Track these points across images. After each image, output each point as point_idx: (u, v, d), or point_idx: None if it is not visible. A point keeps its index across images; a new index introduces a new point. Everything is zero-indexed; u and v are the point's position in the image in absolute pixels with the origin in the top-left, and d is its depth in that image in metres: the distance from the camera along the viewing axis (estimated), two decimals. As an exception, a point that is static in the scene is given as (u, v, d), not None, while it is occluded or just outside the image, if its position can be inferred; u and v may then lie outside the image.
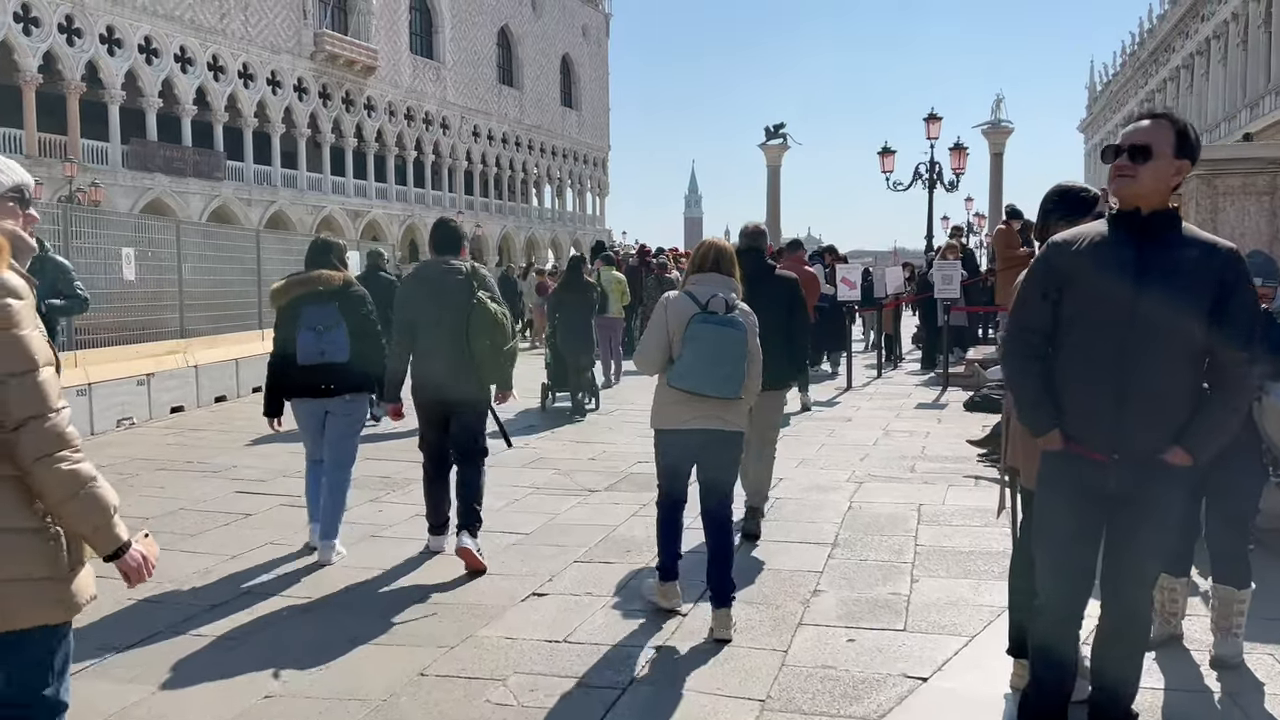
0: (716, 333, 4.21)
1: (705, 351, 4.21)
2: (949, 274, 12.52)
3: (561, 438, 9.73)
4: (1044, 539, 3.13)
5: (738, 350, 4.25)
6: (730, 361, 4.23)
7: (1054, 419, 3.01)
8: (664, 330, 4.36)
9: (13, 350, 2.19)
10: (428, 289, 5.52)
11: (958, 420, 10.39)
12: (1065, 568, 3.06)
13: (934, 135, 23.85)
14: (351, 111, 52.65)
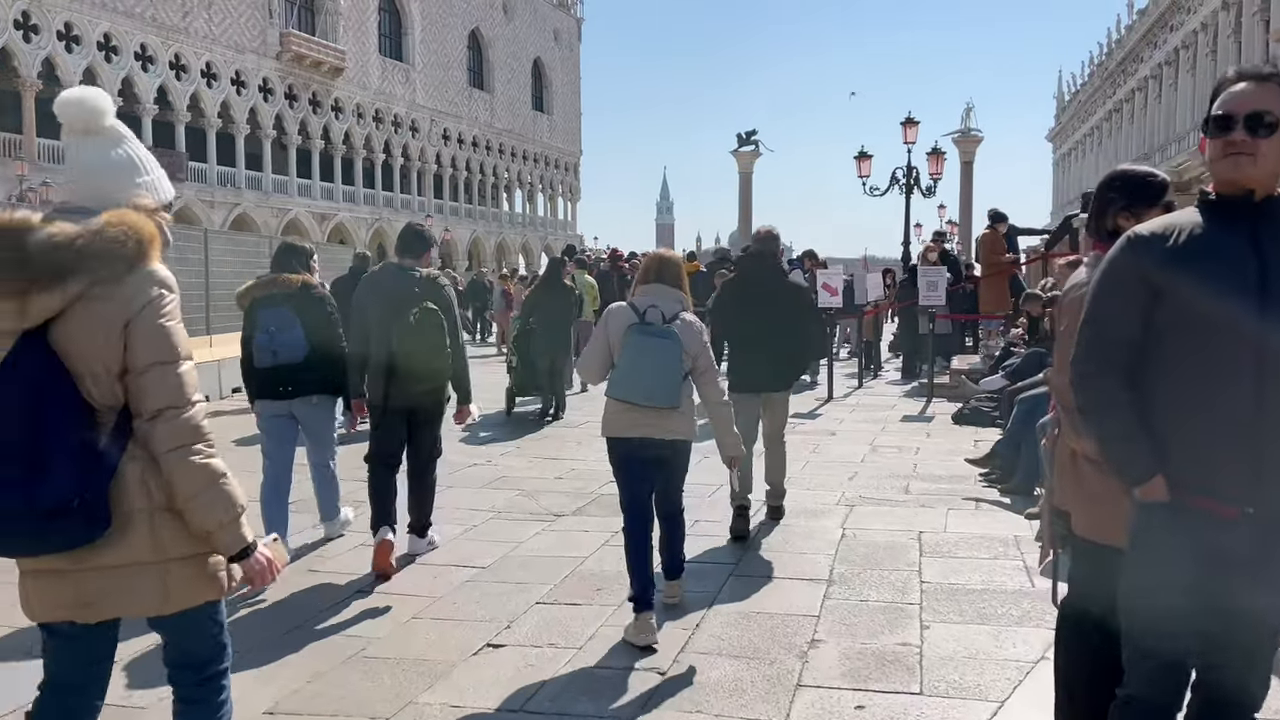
0: (649, 343, 4.27)
1: (637, 361, 4.27)
2: (934, 280, 11.97)
3: (526, 453, 9.06)
4: (1142, 616, 2.40)
5: (670, 360, 4.27)
6: (661, 371, 4.26)
7: (1156, 461, 2.32)
8: (605, 340, 4.45)
9: (161, 340, 2.24)
10: (378, 292, 5.52)
11: (947, 434, 9.82)
12: (1171, 652, 2.37)
13: (911, 140, 23.39)
14: (319, 113, 51.78)
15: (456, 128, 62.68)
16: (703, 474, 7.26)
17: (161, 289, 2.29)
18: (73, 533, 2.18)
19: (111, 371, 2.24)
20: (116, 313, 2.22)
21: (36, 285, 2.16)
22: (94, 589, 2.27)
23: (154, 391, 2.24)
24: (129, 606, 2.33)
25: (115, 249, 2.22)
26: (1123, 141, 60.31)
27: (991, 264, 13.62)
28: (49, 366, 2.19)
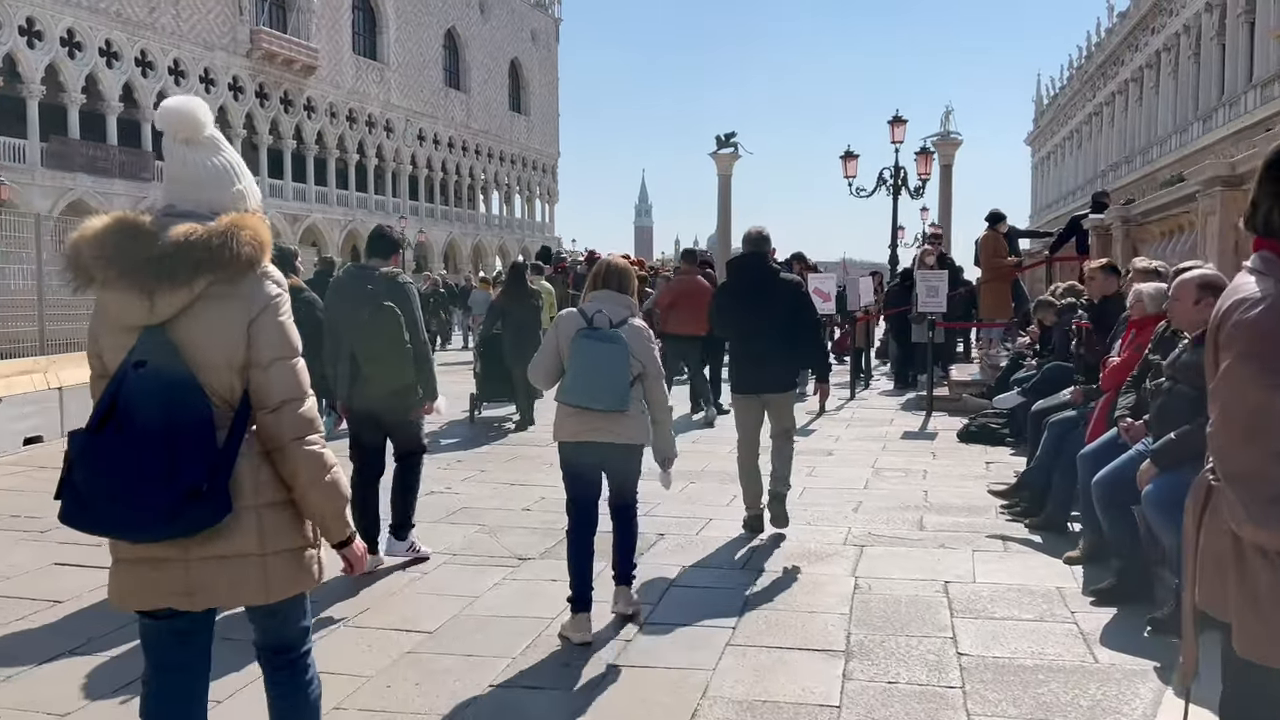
0: (595, 348, 4.33)
1: (584, 366, 4.33)
2: (934, 285, 11.14)
3: (490, 477, 8.14)
4: None
5: (617, 365, 4.33)
6: (608, 375, 4.32)
7: None
8: (554, 345, 4.52)
9: (282, 337, 2.41)
10: (340, 294, 5.71)
11: (954, 454, 8.98)
12: None
13: (899, 139, 22.58)
14: (290, 112, 50.69)
15: (432, 128, 61.74)
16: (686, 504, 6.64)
17: (278, 288, 2.44)
18: (201, 516, 2.28)
19: (232, 365, 2.35)
20: (239, 310, 2.35)
21: (166, 283, 2.28)
22: (201, 578, 2.35)
23: (278, 384, 2.38)
24: (234, 596, 2.42)
25: (240, 250, 2.34)
26: (1103, 144, 60.08)
27: (992, 267, 12.80)
28: (175, 360, 2.29)
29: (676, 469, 4.82)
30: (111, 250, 2.30)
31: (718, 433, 10.44)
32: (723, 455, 8.82)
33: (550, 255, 18.06)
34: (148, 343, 2.29)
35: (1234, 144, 38.37)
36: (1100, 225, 10.50)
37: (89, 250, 2.32)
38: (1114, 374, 5.66)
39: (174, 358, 2.30)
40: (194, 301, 2.31)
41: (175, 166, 2.50)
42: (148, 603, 2.41)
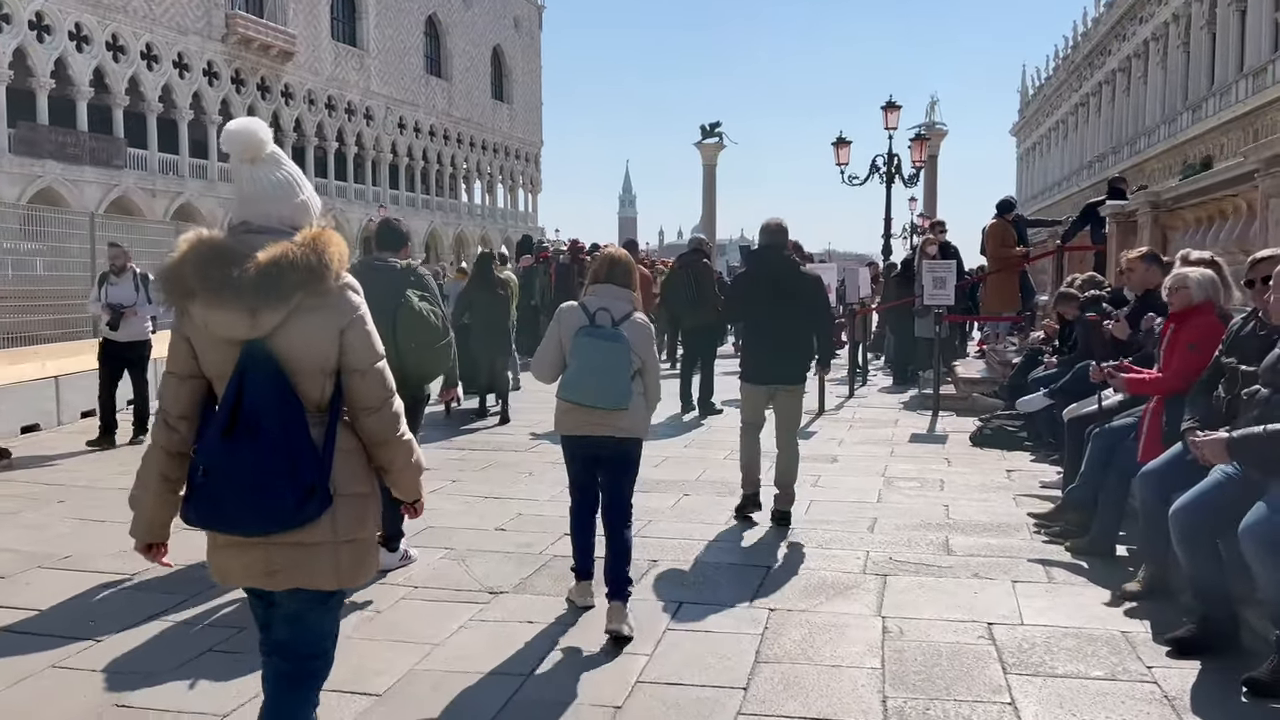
0: (597, 346, 4.30)
1: (586, 364, 4.30)
2: (941, 276, 10.40)
3: (462, 489, 7.32)
4: None
5: (619, 362, 4.31)
6: (610, 374, 4.29)
7: None
8: (557, 340, 4.49)
9: (371, 343, 2.62)
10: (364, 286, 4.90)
11: (970, 461, 8.26)
12: None
13: (892, 125, 21.80)
14: (267, 99, 49.58)
15: (413, 116, 60.79)
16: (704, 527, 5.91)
17: (359, 297, 2.63)
18: (311, 511, 2.51)
19: (325, 371, 2.55)
20: (330, 320, 2.54)
21: (269, 300, 2.45)
22: (281, 560, 2.55)
23: (375, 386, 2.62)
24: (307, 579, 2.58)
25: (331, 266, 2.53)
26: (1089, 135, 59.87)
27: (1000, 258, 12.07)
28: (278, 370, 2.49)
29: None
30: (215, 272, 2.45)
31: (709, 435, 9.68)
32: (718, 462, 8.09)
33: (531, 245, 17.29)
34: (252, 354, 2.47)
35: (1224, 134, 38.09)
36: (1121, 212, 9.77)
37: (192, 272, 2.48)
38: (1175, 378, 4.93)
39: (278, 367, 2.48)
40: (289, 315, 2.48)
41: (245, 185, 2.64)
42: (238, 581, 2.68)
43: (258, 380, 2.45)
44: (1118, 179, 12.26)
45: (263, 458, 2.42)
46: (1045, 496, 6.77)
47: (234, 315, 2.45)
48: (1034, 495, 6.83)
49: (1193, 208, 8.14)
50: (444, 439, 9.40)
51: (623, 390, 4.33)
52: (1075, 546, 5.44)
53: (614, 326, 4.39)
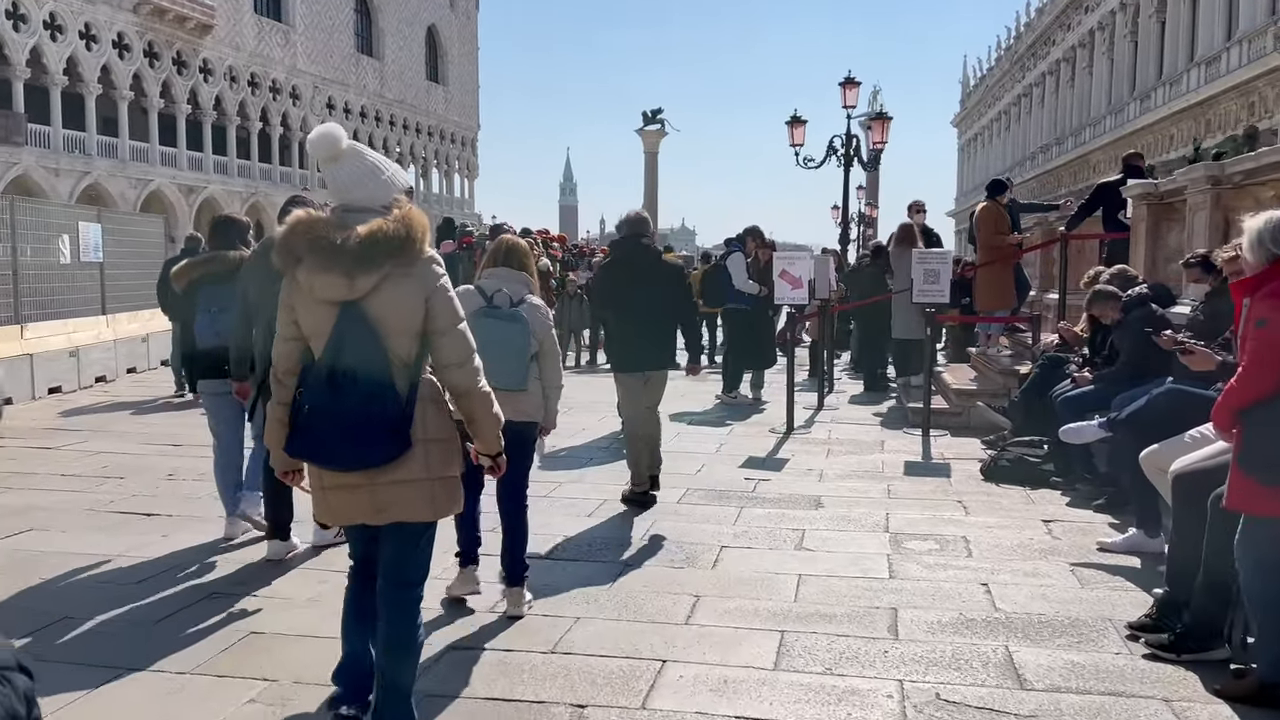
0: (496, 326, 4.32)
1: (485, 344, 3.80)
2: (934, 269, 8.71)
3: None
4: None
5: (517, 343, 4.38)
6: (508, 354, 4.32)
7: None
8: None
9: (452, 308, 3.05)
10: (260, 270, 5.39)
11: (989, 503, 6.56)
12: None
13: (850, 104, 20.15)
14: (184, 74, 46.63)
15: (343, 96, 58.17)
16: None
17: (441, 269, 3.06)
18: (396, 448, 2.96)
19: (412, 331, 2.98)
20: (417, 288, 2.97)
21: (365, 267, 2.90)
22: (386, 499, 3.02)
23: (455, 346, 3.05)
24: (408, 513, 3.07)
25: (415, 237, 2.96)
26: (1032, 126, 59.55)
27: (993, 247, 10.43)
28: (372, 328, 2.93)
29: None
30: (324, 240, 2.93)
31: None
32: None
33: (453, 229, 15.36)
34: (349, 314, 2.93)
35: (1174, 124, 37.34)
36: (1153, 192, 8.16)
37: (300, 242, 2.98)
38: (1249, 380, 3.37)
39: (370, 325, 2.93)
40: (381, 281, 2.91)
41: (334, 179, 3.10)
42: (347, 519, 3.16)
43: (355, 337, 2.91)
44: (1134, 155, 10.68)
45: (357, 403, 2.88)
46: (1113, 568, 5.09)
47: (336, 278, 2.91)
48: (1098, 567, 5.14)
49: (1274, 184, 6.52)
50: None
51: (520, 371, 4.38)
52: (1232, 692, 3.65)
53: (512, 308, 4.43)
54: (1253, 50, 31.21)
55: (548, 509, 6.36)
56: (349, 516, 3.10)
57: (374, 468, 2.95)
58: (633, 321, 6.42)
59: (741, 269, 10.55)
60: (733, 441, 8.73)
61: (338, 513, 3.11)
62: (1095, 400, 6.69)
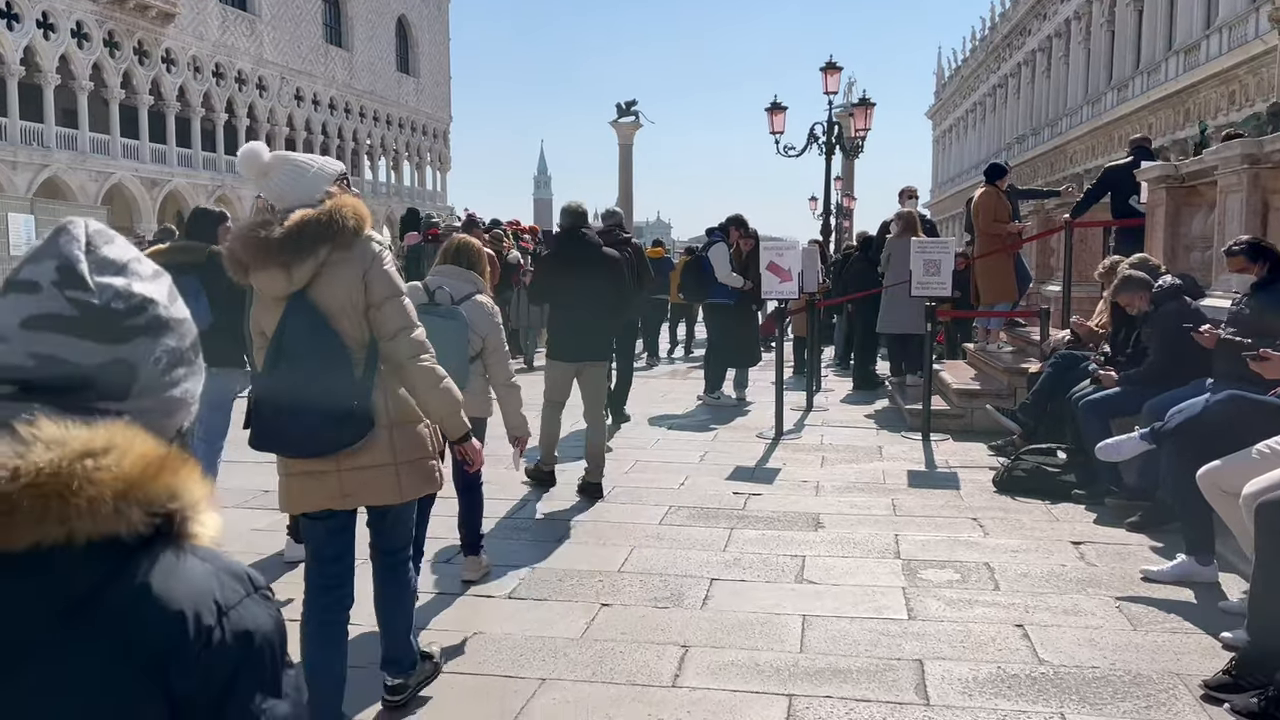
0: (432, 324, 3.98)
1: None
2: (935, 259, 8.01)
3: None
4: None
5: (453, 341, 4.26)
6: (446, 352, 3.93)
7: None
8: None
9: (388, 281, 3.08)
10: None
11: (1008, 520, 5.85)
12: None
13: (832, 89, 19.45)
14: (146, 64, 45.38)
15: (311, 87, 57.02)
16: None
17: (380, 247, 3.12)
18: (351, 433, 2.99)
19: (359, 310, 3.03)
20: (355, 267, 3.03)
21: (296, 256, 2.95)
22: (352, 484, 3.07)
23: (391, 317, 3.08)
24: (374, 497, 3.16)
25: (345, 223, 3.01)
26: (1008, 117, 59.33)
27: (994, 235, 9.75)
28: (314, 311, 2.98)
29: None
30: (254, 242, 2.97)
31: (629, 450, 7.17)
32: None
33: (418, 220, 14.55)
34: (295, 305, 2.98)
35: (1152, 113, 36.96)
36: (1173, 175, 7.49)
37: (238, 246, 3.03)
38: None
39: (314, 312, 2.98)
40: (321, 268, 2.97)
41: (270, 191, 3.19)
42: (312, 505, 3.14)
43: (295, 322, 2.95)
44: (1141, 138, 10.03)
45: (300, 387, 2.90)
46: (1165, 604, 4.40)
47: (274, 272, 2.96)
48: (1146, 601, 4.44)
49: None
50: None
51: (458, 367, 4.18)
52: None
53: (454, 305, 4.45)
54: (1234, 37, 30.87)
55: (511, 533, 5.62)
56: (314, 503, 3.14)
57: (335, 452, 3.00)
58: (570, 312, 6.52)
59: (724, 260, 9.82)
60: (717, 449, 8.00)
61: (302, 499, 3.14)
62: (1123, 404, 6.04)
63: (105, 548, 0.92)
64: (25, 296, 1.00)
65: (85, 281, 1.01)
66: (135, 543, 0.94)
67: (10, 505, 0.89)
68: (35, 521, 0.89)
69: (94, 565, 0.92)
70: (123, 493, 0.93)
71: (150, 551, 0.95)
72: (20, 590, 0.89)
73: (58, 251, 1.02)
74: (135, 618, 0.91)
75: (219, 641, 0.93)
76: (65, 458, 0.91)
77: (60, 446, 0.92)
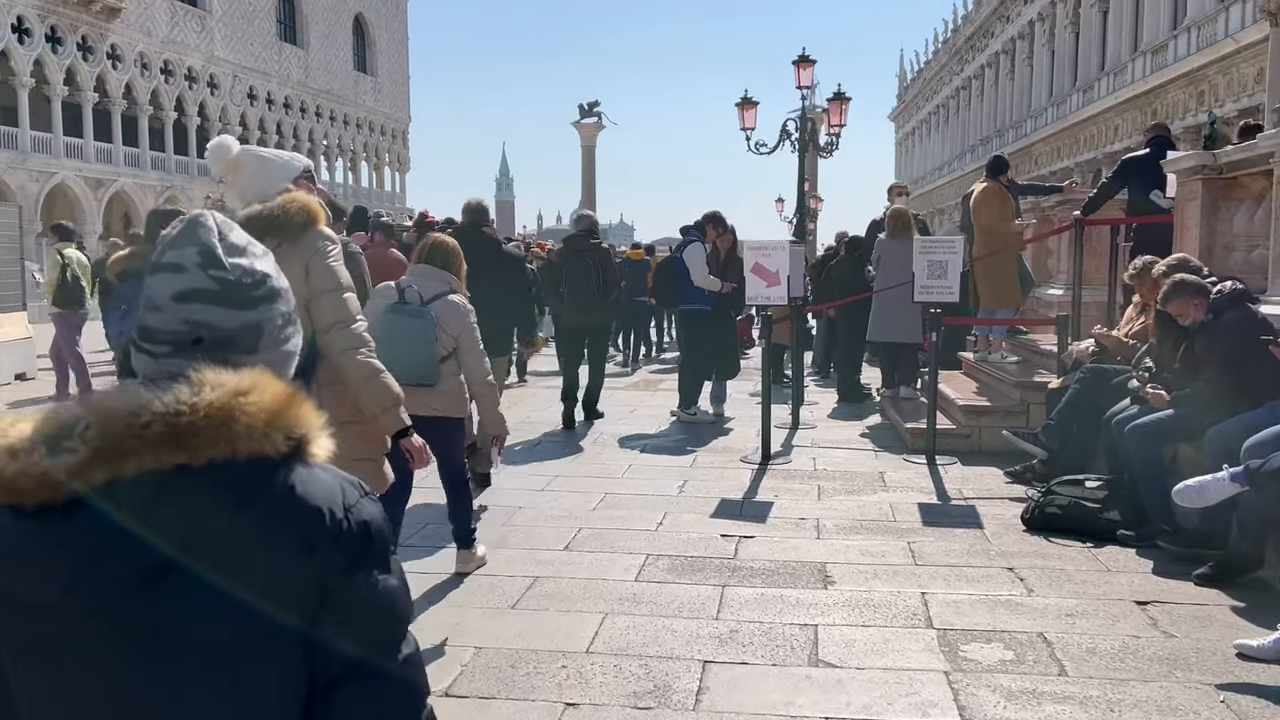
0: (399, 322, 4.39)
1: (386, 339, 4.12)
2: (940, 259, 7.09)
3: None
4: None
5: (422, 339, 4.41)
6: (409, 350, 4.32)
7: None
8: (371, 319, 4.22)
9: (328, 275, 3.16)
10: None
11: (1048, 569, 4.90)
12: None
13: (805, 83, 18.55)
14: (90, 60, 43.74)
15: (265, 86, 55.53)
16: None
17: (326, 241, 3.21)
18: None
19: (303, 301, 2.95)
20: (299, 259, 3.08)
21: None
22: None
23: (328, 311, 3.14)
24: None
25: (292, 217, 3.14)
26: (971, 119, 59.17)
27: (997, 234, 8.84)
28: None
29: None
30: None
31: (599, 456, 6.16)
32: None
33: (365, 219, 13.44)
34: None
35: (1119, 114, 36.63)
36: (1210, 165, 6.61)
37: None
38: None
39: None
40: None
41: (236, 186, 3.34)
42: None
43: None
44: (1159, 124, 9.14)
45: None
46: (1276, 693, 3.49)
47: None
48: (1255, 691, 3.52)
49: None
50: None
51: (423, 366, 4.39)
52: None
53: (423, 304, 4.47)
54: (1202, 37, 30.50)
55: (455, 595, 4.61)
56: None
57: None
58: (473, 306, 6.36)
59: (701, 262, 8.85)
60: (698, 477, 7.03)
61: None
62: (1178, 428, 5.16)
63: (259, 462, 1.19)
64: (173, 275, 1.28)
65: (222, 262, 1.30)
66: (279, 459, 1.21)
67: (194, 430, 1.15)
68: (209, 443, 1.16)
69: (252, 474, 1.19)
70: (268, 420, 1.20)
71: (289, 465, 1.22)
72: (202, 492, 1.15)
73: (197, 239, 1.31)
74: (287, 512, 1.18)
75: (346, 529, 1.20)
76: (226, 395, 1.18)
77: (221, 388, 1.19)
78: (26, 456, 1.13)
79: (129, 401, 1.15)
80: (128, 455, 1.12)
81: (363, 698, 1.18)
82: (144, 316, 1.27)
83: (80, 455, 1.11)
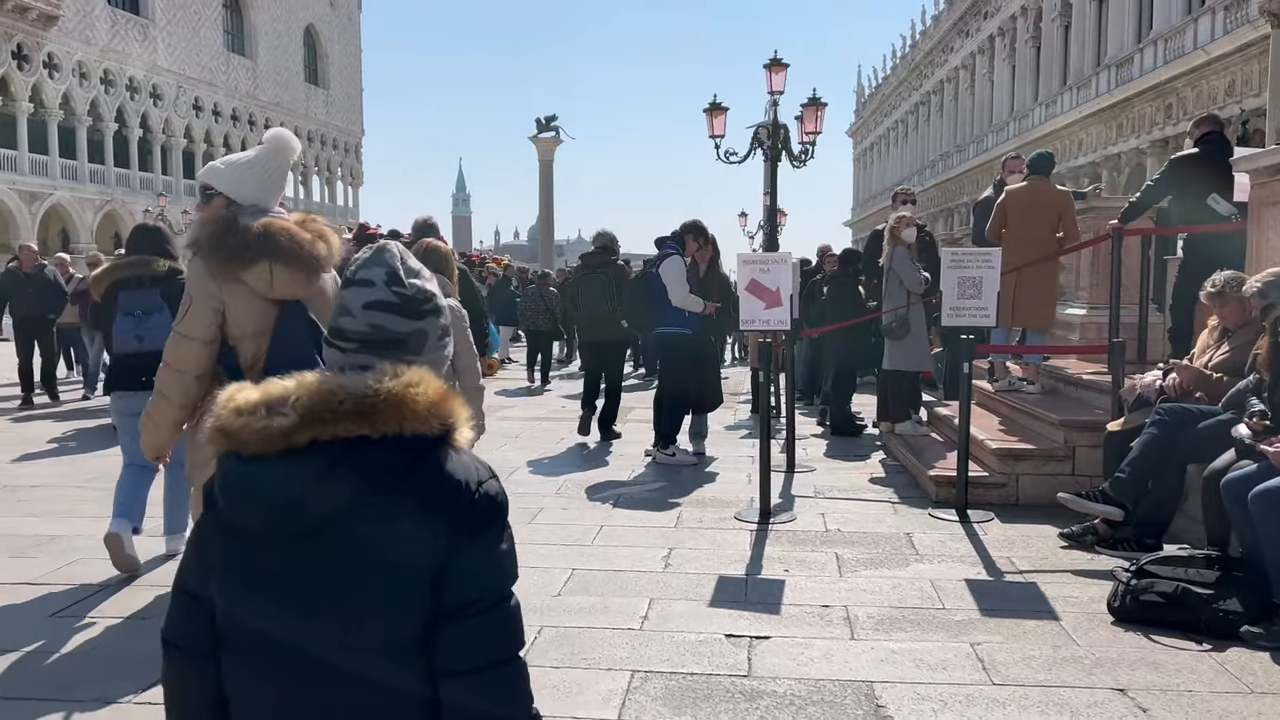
0: None
1: None
2: (973, 275, 5.88)
3: None
4: None
5: None
6: None
7: None
8: None
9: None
10: None
11: (1167, 692, 3.61)
12: None
13: (778, 89, 17.45)
14: (25, 69, 42.05)
15: (211, 97, 54.02)
16: None
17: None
18: None
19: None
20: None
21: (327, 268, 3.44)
22: None
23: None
24: None
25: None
26: (931, 134, 59.00)
27: (1038, 243, 7.56)
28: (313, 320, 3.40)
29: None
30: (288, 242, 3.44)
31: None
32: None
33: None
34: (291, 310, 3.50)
35: (1084, 128, 36.15)
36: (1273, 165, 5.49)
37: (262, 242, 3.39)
38: None
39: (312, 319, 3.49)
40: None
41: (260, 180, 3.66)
42: None
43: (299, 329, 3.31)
44: (1208, 117, 7.96)
45: None
46: None
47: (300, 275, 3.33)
48: None
49: None
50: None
51: None
52: None
53: None
54: (1170, 50, 30.01)
55: None
56: None
57: None
58: None
59: (681, 279, 7.59)
60: (686, 543, 5.69)
61: None
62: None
63: (419, 440, 1.53)
64: (364, 289, 1.61)
65: (402, 281, 1.63)
66: (434, 440, 1.54)
67: (376, 409, 1.49)
68: (386, 420, 1.50)
69: (414, 449, 1.52)
70: (429, 408, 1.53)
71: (440, 446, 1.55)
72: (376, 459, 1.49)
73: (384, 261, 1.64)
74: (436, 481, 1.52)
75: (477, 501, 1.53)
76: (401, 385, 1.52)
77: (397, 379, 1.52)
78: (250, 415, 1.52)
79: (329, 383, 1.53)
80: (326, 423, 1.49)
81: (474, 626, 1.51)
82: (337, 320, 1.63)
83: (291, 419, 1.50)
